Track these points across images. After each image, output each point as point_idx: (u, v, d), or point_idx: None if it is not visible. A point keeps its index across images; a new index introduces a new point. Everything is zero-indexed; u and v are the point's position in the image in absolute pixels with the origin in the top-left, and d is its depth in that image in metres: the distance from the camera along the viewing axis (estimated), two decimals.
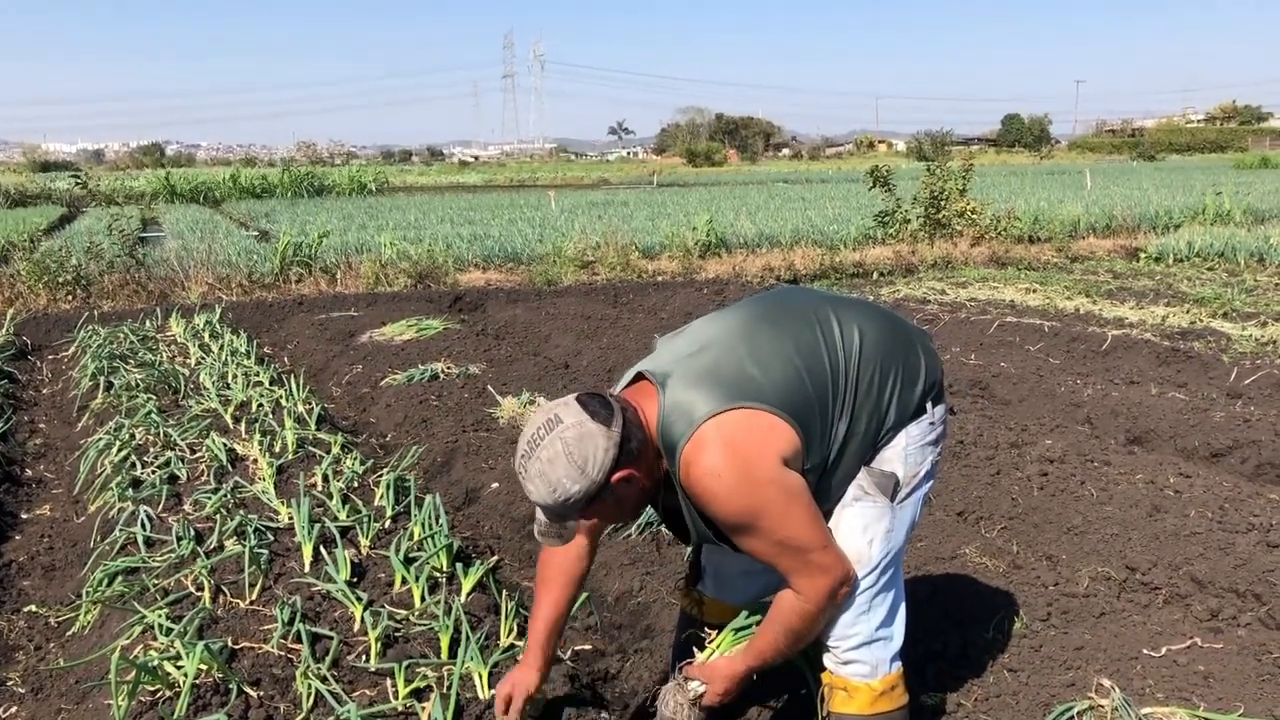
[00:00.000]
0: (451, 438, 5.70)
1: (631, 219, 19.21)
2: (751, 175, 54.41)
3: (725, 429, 2.14)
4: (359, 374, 7.57)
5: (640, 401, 2.25)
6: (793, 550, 2.21)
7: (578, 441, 2.10)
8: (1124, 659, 3.00)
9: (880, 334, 2.39)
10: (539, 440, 2.14)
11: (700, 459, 2.13)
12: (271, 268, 12.61)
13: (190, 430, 5.60)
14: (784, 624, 2.32)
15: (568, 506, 2.14)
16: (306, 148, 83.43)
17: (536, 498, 2.15)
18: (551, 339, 8.79)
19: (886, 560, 2.39)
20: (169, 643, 3.11)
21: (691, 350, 2.32)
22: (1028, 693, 2.87)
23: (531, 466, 2.14)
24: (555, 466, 2.11)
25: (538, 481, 2.13)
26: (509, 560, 4.28)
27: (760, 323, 2.39)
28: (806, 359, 2.29)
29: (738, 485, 2.12)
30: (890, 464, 2.39)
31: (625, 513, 2.32)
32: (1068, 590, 3.56)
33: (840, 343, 2.35)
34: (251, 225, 20.37)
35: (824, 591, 2.26)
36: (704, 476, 2.13)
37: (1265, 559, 3.66)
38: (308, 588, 3.59)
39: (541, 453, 2.12)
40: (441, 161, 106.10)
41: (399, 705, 2.80)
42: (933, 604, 3.45)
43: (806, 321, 2.38)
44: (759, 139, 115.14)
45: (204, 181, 37.19)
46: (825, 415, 2.28)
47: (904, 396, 2.38)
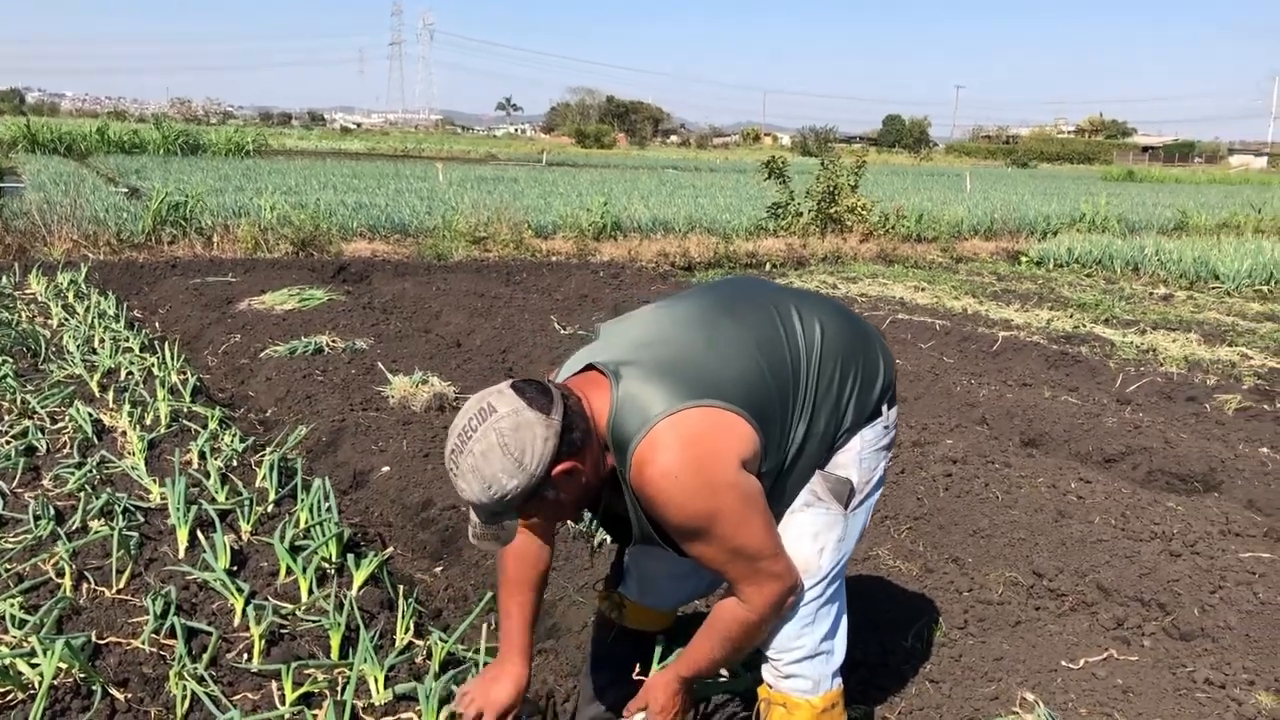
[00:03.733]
0: (338, 416, 5.40)
1: (523, 196, 18.85)
2: (641, 160, 54.31)
3: (683, 427, 1.96)
4: (237, 344, 7.15)
5: (587, 391, 2.05)
6: (745, 558, 2.05)
7: (514, 431, 1.90)
8: (1043, 671, 2.95)
9: (841, 330, 2.25)
10: (471, 432, 1.93)
11: (655, 459, 1.94)
12: (143, 227, 11.92)
13: (51, 398, 5.18)
14: (723, 633, 2.17)
15: (504, 504, 1.94)
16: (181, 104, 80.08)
17: (470, 496, 1.95)
18: (443, 316, 8.49)
19: (835, 571, 2.26)
20: (23, 637, 2.80)
21: (646, 339, 2.13)
22: (951, 705, 2.79)
23: (463, 462, 1.93)
24: (490, 461, 1.90)
25: (470, 478, 1.92)
26: (402, 551, 4.04)
27: (719, 313, 2.21)
28: (768, 354, 2.13)
29: (694, 489, 1.94)
30: (845, 469, 2.25)
31: (566, 511, 2.11)
32: (982, 597, 3.52)
33: (802, 337, 2.19)
34: (121, 181, 19.30)
35: (770, 601, 2.12)
36: (658, 478, 1.95)
37: (1169, 568, 3.68)
38: (183, 576, 3.30)
39: (474, 446, 1.91)
40: (322, 126, 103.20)
41: (286, 712, 2.56)
42: (852, 609, 3.35)
43: (767, 314, 2.21)
44: (648, 124, 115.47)
45: (69, 132, 35.11)
46: (785, 414, 2.13)
47: (862, 397, 2.24)
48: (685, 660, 2.23)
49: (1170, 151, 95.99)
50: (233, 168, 24.80)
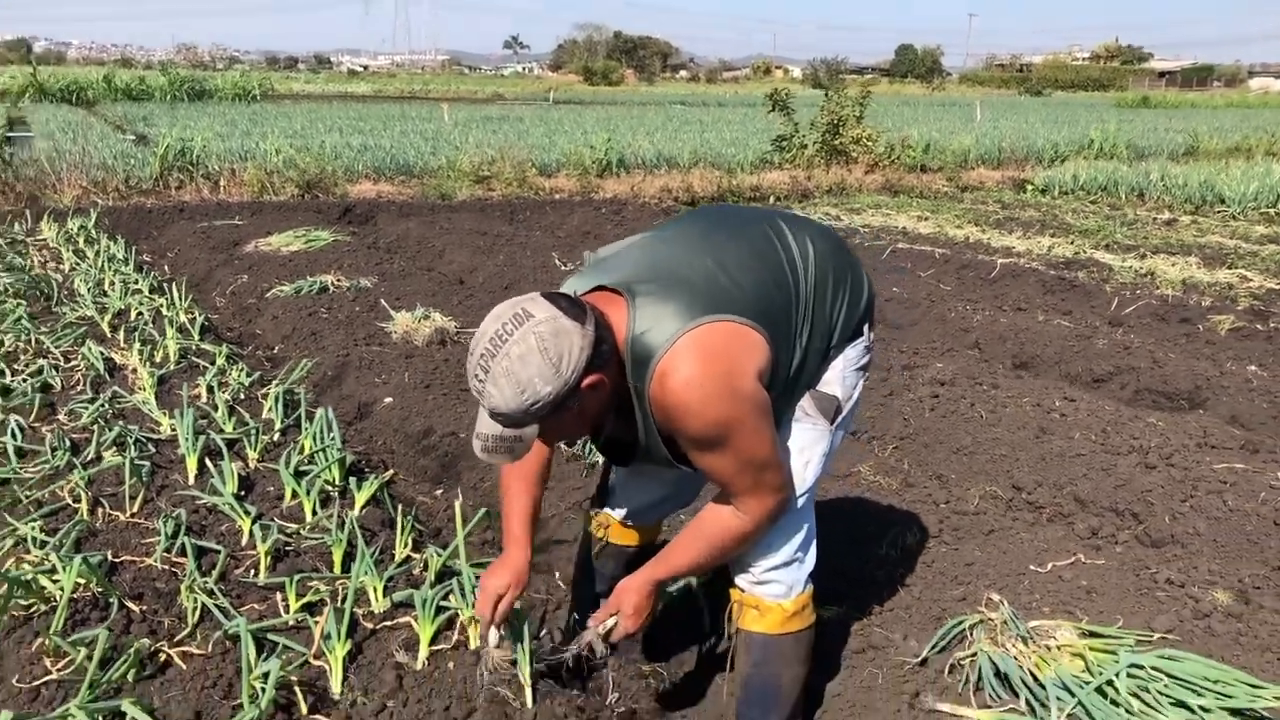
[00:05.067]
0: (343, 351, 5.55)
1: (528, 135, 18.82)
2: (649, 96, 53.84)
3: (704, 341, 2.00)
4: (244, 284, 7.29)
5: (605, 308, 2.06)
6: (754, 469, 2.10)
7: (553, 337, 1.90)
8: (1012, 574, 3.09)
9: (827, 248, 2.31)
10: (506, 336, 1.91)
11: (677, 368, 1.98)
12: (151, 172, 12.03)
13: (64, 338, 5.33)
14: (712, 540, 2.23)
15: (532, 412, 1.93)
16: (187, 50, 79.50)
17: (498, 401, 1.92)
18: (446, 254, 8.59)
19: (815, 483, 2.37)
20: (44, 556, 2.96)
21: (652, 261, 2.17)
22: (920, 607, 2.94)
23: (496, 365, 1.91)
24: (527, 364, 1.89)
25: (503, 382, 1.90)
26: (403, 475, 4.20)
27: (718, 233, 2.26)
28: (771, 270, 2.19)
29: (715, 398, 1.99)
30: (830, 386, 2.33)
31: (582, 425, 2.12)
32: (958, 509, 3.65)
33: (797, 254, 2.25)
34: (128, 128, 19.35)
35: (766, 512, 2.18)
36: (681, 389, 1.98)
37: (1143, 479, 3.81)
38: (192, 501, 3.47)
39: (510, 349, 1.90)
40: (329, 70, 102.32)
41: (290, 619, 2.72)
42: (834, 521, 3.50)
43: (762, 232, 2.28)
44: (656, 59, 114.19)
45: (76, 81, 35.09)
46: (789, 328, 2.19)
47: (849, 314, 2.31)
48: (662, 564, 2.30)
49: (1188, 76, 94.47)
50: (239, 113, 24.78)
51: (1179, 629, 2.70)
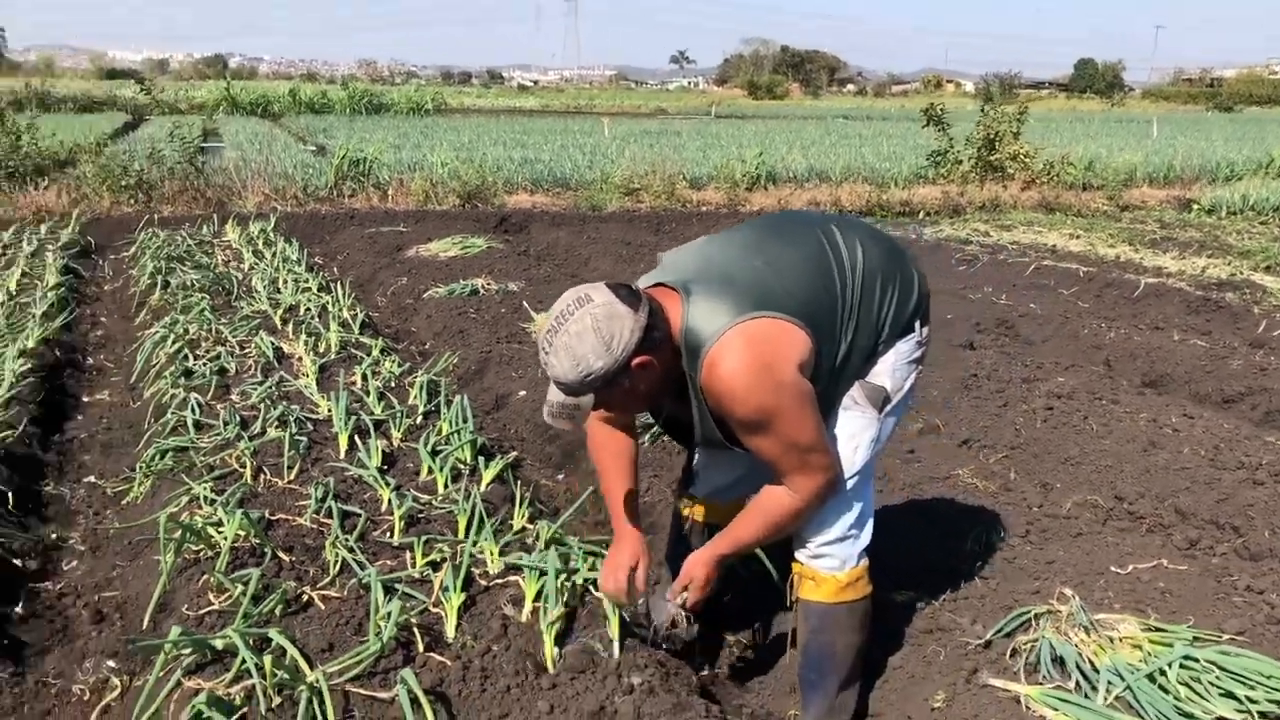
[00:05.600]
0: (486, 348, 5.97)
1: (683, 149, 19.21)
2: (812, 110, 53.74)
3: (749, 333, 2.25)
4: (403, 286, 7.84)
5: (664, 301, 2.32)
6: (798, 451, 2.33)
7: (607, 319, 2.18)
8: (1090, 574, 3.19)
9: (879, 249, 2.54)
10: (568, 316, 2.20)
11: (725, 358, 2.23)
12: (326, 181, 12.91)
13: (241, 329, 5.92)
14: (768, 516, 2.47)
15: (586, 383, 2.20)
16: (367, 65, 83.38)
17: (558, 371, 2.21)
18: (590, 262, 8.99)
19: (867, 466, 2.58)
20: (212, 511, 3.42)
21: (707, 263, 2.43)
22: (994, 597, 3.08)
23: (558, 340, 2.20)
24: (582, 341, 2.17)
25: (562, 355, 2.19)
26: (530, 460, 4.55)
27: (771, 238, 2.52)
28: (817, 271, 2.42)
29: (758, 385, 2.24)
30: (880, 378, 2.55)
31: (636, 401, 2.40)
32: (1051, 513, 3.75)
33: (845, 256, 2.48)
34: (309, 140, 20.69)
35: (815, 491, 2.41)
36: (727, 376, 2.23)
37: (1248, 494, 3.82)
38: (341, 472, 3.89)
39: (570, 326, 2.18)
40: (500, 85, 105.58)
41: (415, 573, 3.07)
42: (921, 517, 3.67)
43: (813, 236, 2.52)
44: (824, 73, 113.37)
45: (264, 95, 37.59)
46: (834, 326, 2.42)
47: (898, 312, 2.52)
48: (727, 539, 2.57)
49: None
50: (412, 126, 26.06)
51: (1250, 631, 2.78)
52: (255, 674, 2.45)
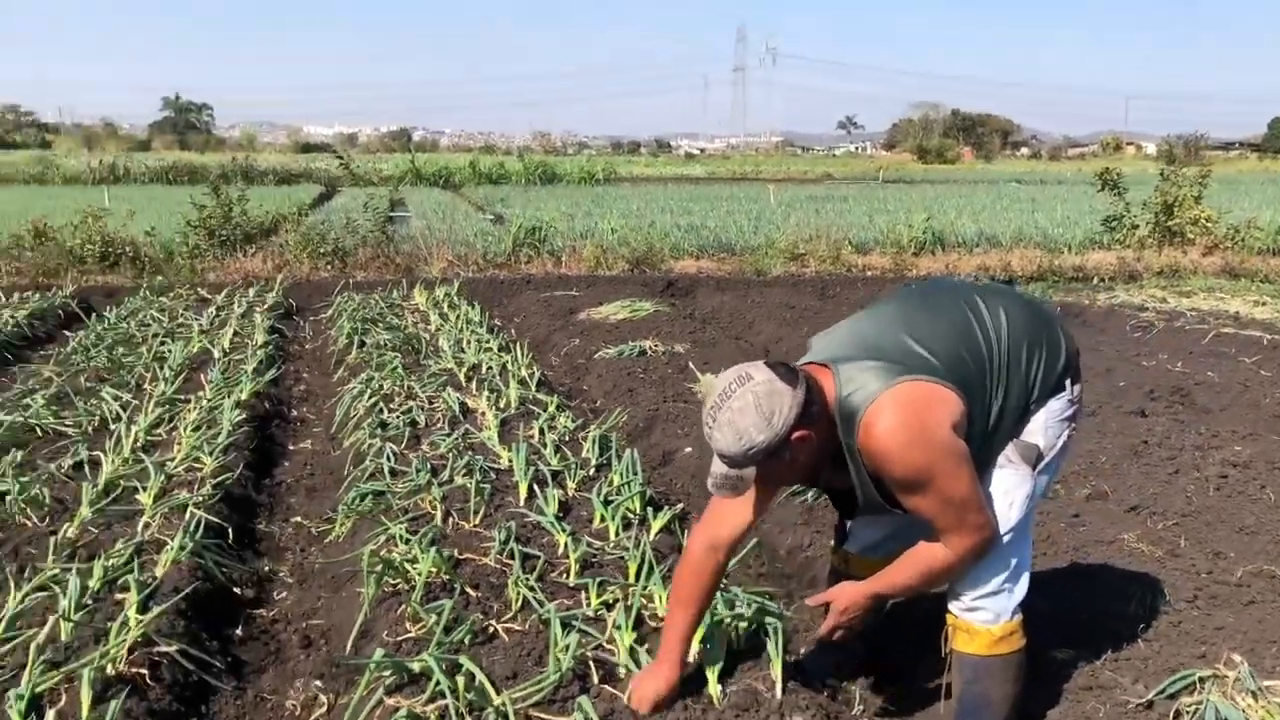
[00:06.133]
0: (653, 406, 6.22)
1: (849, 214, 19.28)
2: (984, 174, 52.78)
3: (902, 395, 2.40)
4: (576, 346, 8.22)
5: (817, 377, 2.49)
6: (954, 508, 2.45)
7: (767, 396, 2.34)
8: (1261, 642, 3.15)
9: (1023, 314, 2.67)
10: (730, 392, 2.38)
11: (880, 421, 2.38)
12: (504, 248, 13.57)
13: (429, 385, 6.35)
14: (922, 567, 2.59)
15: (749, 456, 2.35)
16: (541, 137, 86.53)
17: (721, 445, 2.38)
18: (755, 325, 9.19)
19: (1022, 522, 2.67)
20: (407, 549, 3.75)
21: (856, 338, 2.60)
22: (1157, 659, 3.08)
23: (721, 415, 2.37)
24: (744, 416, 2.33)
25: (725, 429, 2.36)
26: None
27: (915, 309, 2.68)
28: (964, 338, 2.57)
29: (913, 444, 2.37)
30: (1033, 436, 2.66)
31: (795, 473, 2.54)
32: (1221, 579, 3.69)
33: (990, 322, 2.62)
34: (487, 209, 21.67)
35: (970, 547, 2.52)
36: (883, 437, 2.38)
37: None
38: (521, 518, 4.17)
39: (733, 403, 2.36)
40: (668, 153, 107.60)
41: (590, 612, 3.30)
42: (1084, 579, 3.68)
43: (957, 305, 2.67)
44: (995, 137, 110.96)
45: (446, 166, 39.66)
46: (984, 388, 2.54)
47: (1047, 372, 2.63)
48: (881, 580, 2.70)
49: None
50: (583, 194, 26.99)
51: None
52: (449, 695, 2.71)
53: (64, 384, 6.52)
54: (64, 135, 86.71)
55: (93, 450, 5.06)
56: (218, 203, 13.52)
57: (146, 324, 8.86)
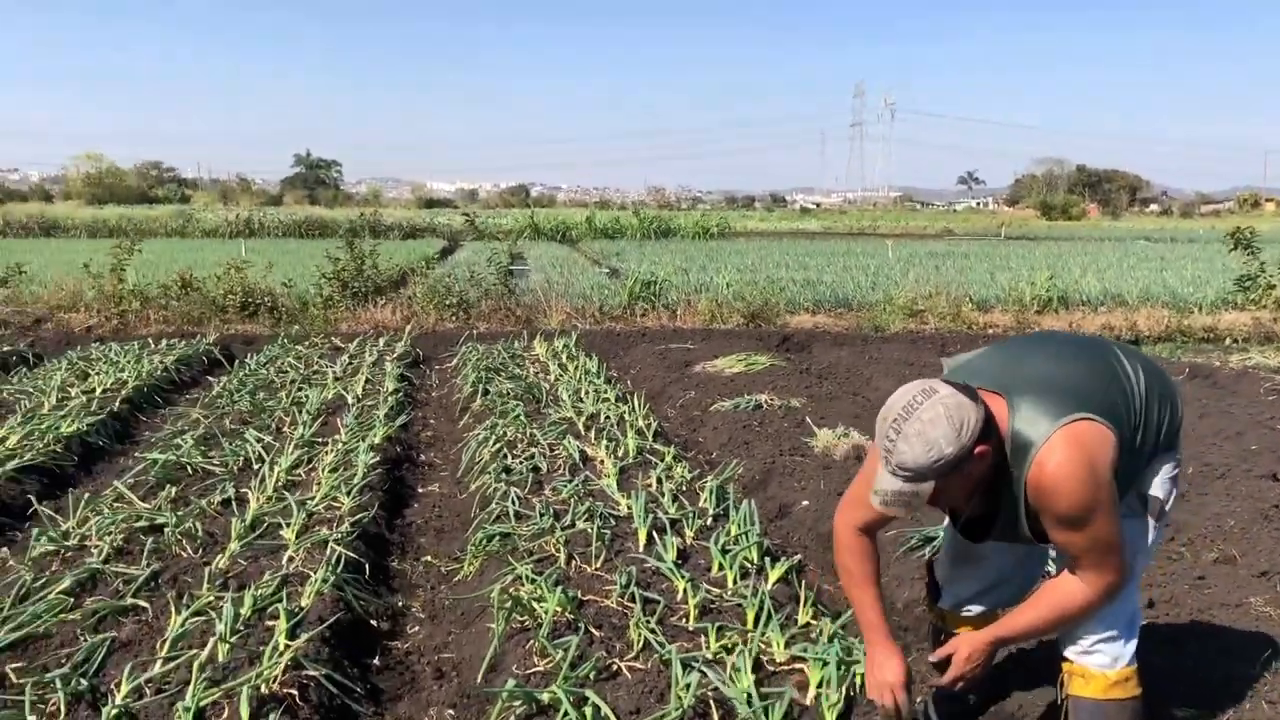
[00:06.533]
0: (769, 459, 6.30)
1: (970, 270, 19.11)
2: (1110, 231, 51.46)
3: (1075, 433, 2.42)
4: (691, 399, 8.36)
5: (989, 401, 2.49)
6: (1101, 548, 2.49)
7: (956, 408, 2.36)
8: None
9: (1149, 369, 2.72)
10: (916, 406, 2.38)
11: (1054, 456, 2.41)
12: (620, 302, 13.86)
13: (550, 433, 6.56)
14: (1055, 607, 2.61)
15: (935, 468, 2.34)
16: (656, 192, 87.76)
17: (907, 456, 2.35)
18: (872, 381, 9.20)
19: (1138, 571, 2.71)
20: (534, 588, 3.91)
21: (1018, 369, 2.60)
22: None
23: (909, 427, 2.36)
24: (936, 426, 2.33)
25: (914, 440, 2.34)
26: (812, 565, 4.81)
27: (1066, 351, 2.72)
28: (1113, 383, 2.61)
29: (1084, 483, 2.40)
30: (1154, 488, 2.72)
31: (965, 490, 2.50)
32: None
33: (1130, 373, 2.66)
34: (603, 263, 22.12)
35: (1106, 588, 2.54)
36: (1056, 472, 2.40)
37: None
38: (641, 563, 4.31)
39: (923, 414, 2.36)
40: (783, 208, 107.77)
41: (709, 654, 3.41)
42: (1207, 640, 3.63)
43: (1099, 352, 2.73)
44: (1123, 193, 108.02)
45: (563, 221, 40.61)
46: (1129, 435, 2.57)
47: (1169, 428, 2.70)
48: (1004, 626, 2.74)
49: None
50: (698, 249, 27.30)
51: None
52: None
53: (210, 426, 6.93)
54: (202, 190, 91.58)
55: (239, 488, 5.40)
56: (351, 256, 14.16)
57: (284, 370, 9.34)
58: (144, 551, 4.46)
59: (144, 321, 12.86)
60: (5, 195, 74.86)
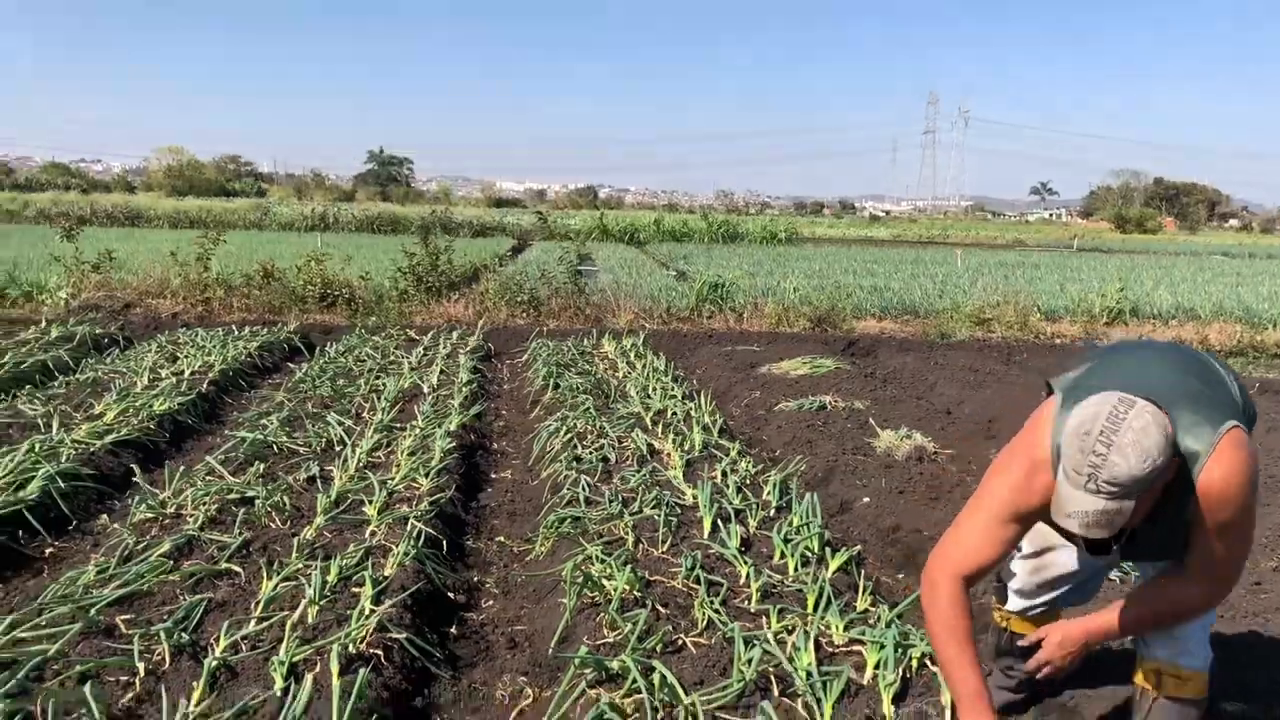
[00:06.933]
0: (832, 458, 6.43)
1: (1040, 281, 18.99)
2: (1186, 246, 50.51)
3: (1237, 441, 2.42)
4: (756, 399, 8.49)
5: None
6: (1237, 554, 2.54)
7: (1159, 416, 2.30)
8: None
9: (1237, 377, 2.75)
10: (1121, 418, 2.28)
11: (1224, 463, 2.39)
12: (687, 304, 14.02)
13: (619, 426, 6.75)
14: (1171, 607, 2.64)
15: (1147, 478, 2.25)
16: (724, 196, 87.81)
17: (1121, 470, 2.24)
18: (937, 387, 9.25)
19: None
20: (604, 568, 4.10)
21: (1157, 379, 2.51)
22: None
23: (1120, 438, 2.25)
24: (1150, 435, 2.25)
25: (1130, 450, 2.24)
26: (871, 559, 4.94)
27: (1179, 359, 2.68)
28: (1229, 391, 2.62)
29: (1246, 489, 2.41)
30: None
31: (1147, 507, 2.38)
32: None
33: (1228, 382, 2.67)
34: (671, 265, 22.32)
35: (1220, 592, 2.61)
36: (1227, 476, 2.39)
37: None
38: (705, 549, 4.47)
39: (1133, 423, 2.27)
40: (852, 214, 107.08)
41: (769, 635, 3.56)
42: (1262, 643, 3.70)
43: (1203, 361, 2.72)
44: (1201, 207, 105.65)
45: (632, 223, 40.86)
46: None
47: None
48: (1100, 621, 2.78)
49: None
50: (765, 253, 27.37)
51: None
52: (645, 691, 3.02)
53: (293, 409, 7.23)
54: (277, 185, 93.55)
55: (323, 467, 5.67)
56: (426, 252, 14.50)
57: (362, 360, 9.66)
58: (235, 522, 4.74)
59: (227, 309, 13.32)
60: (90, 185, 77.34)
